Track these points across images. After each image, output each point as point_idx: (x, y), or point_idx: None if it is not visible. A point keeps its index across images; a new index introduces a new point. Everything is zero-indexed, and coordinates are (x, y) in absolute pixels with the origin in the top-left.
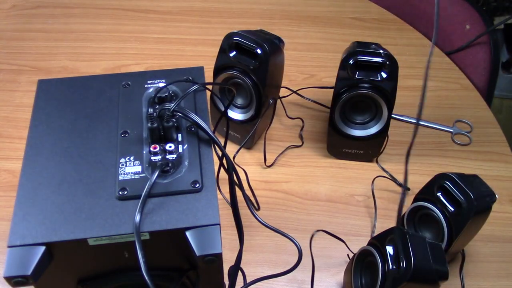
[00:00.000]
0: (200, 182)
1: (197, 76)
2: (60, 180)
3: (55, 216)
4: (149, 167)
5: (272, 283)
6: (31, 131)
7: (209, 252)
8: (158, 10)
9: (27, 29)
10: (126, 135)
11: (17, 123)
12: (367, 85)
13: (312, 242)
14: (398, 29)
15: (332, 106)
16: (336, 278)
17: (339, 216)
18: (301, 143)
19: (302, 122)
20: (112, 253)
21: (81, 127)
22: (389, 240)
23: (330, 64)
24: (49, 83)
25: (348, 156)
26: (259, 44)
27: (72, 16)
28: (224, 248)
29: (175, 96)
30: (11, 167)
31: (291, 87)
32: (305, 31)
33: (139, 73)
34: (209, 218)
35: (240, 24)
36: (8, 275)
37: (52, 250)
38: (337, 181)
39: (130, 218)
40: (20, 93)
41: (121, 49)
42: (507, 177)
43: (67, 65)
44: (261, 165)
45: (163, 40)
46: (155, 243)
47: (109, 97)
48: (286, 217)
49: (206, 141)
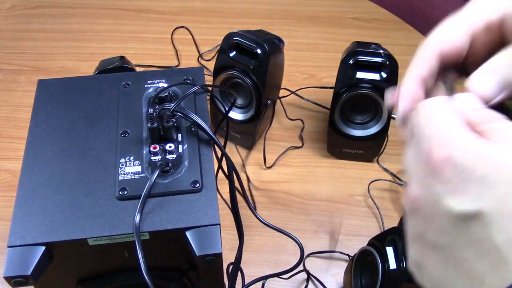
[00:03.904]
0: (200, 182)
1: (197, 77)
2: (60, 180)
3: (55, 216)
4: (149, 167)
5: (272, 283)
6: (31, 131)
7: (209, 252)
8: (158, 10)
9: (27, 29)
10: (126, 135)
11: (17, 123)
12: (367, 85)
13: (312, 242)
14: (398, 29)
15: (332, 106)
16: (336, 278)
17: (339, 216)
18: (301, 144)
19: (303, 124)
20: (112, 253)
21: (81, 127)
22: (389, 240)
23: (330, 64)
24: (49, 83)
25: (348, 156)
26: (259, 44)
27: (72, 16)
28: (224, 248)
29: (175, 96)
30: (11, 167)
31: (291, 87)
32: (305, 31)
33: (139, 73)
34: (209, 218)
35: (240, 24)
36: (8, 275)
37: (52, 250)
38: (337, 181)
39: (130, 218)
40: (20, 93)
41: (121, 49)
42: None
43: (67, 65)
44: (260, 165)
45: (163, 40)
46: (155, 243)
47: (109, 97)
48: (286, 217)
49: (206, 141)
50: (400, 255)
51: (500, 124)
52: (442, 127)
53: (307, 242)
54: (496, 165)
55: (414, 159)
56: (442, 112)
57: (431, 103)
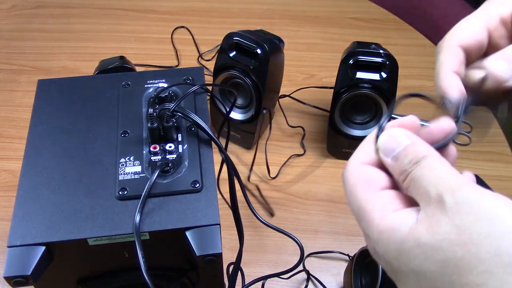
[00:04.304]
0: (200, 182)
1: (197, 77)
2: (60, 180)
3: (55, 216)
4: (149, 167)
5: (272, 283)
6: (31, 131)
7: (209, 252)
8: (158, 10)
9: (27, 29)
10: (126, 135)
11: (17, 123)
12: (367, 85)
13: (312, 242)
14: (398, 29)
15: (332, 106)
16: (336, 278)
17: (339, 216)
18: (303, 152)
19: (303, 131)
20: (112, 253)
21: (81, 127)
22: None
23: (330, 64)
24: (49, 83)
25: (348, 156)
26: (259, 44)
27: (72, 16)
28: (224, 248)
29: (175, 96)
30: (11, 167)
31: (291, 87)
32: (305, 31)
33: (139, 73)
34: (209, 218)
35: (240, 24)
36: (8, 275)
37: (52, 250)
38: (337, 181)
39: (130, 218)
40: (20, 93)
41: (121, 49)
42: (507, 177)
43: (67, 65)
44: (260, 165)
45: (163, 40)
46: (155, 243)
47: (109, 97)
48: (286, 217)
49: (206, 141)
50: None
51: (415, 178)
52: (358, 212)
53: (307, 242)
54: (403, 258)
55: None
56: (353, 189)
57: (346, 169)
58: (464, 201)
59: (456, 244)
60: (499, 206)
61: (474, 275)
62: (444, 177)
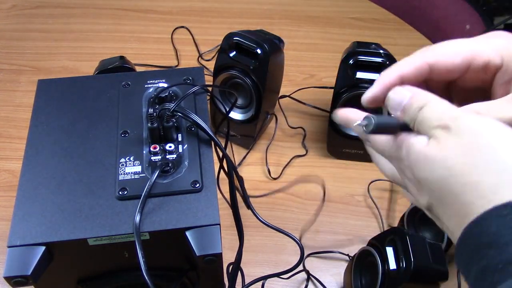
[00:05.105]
0: (200, 182)
1: (197, 77)
2: (60, 180)
3: (55, 216)
4: (149, 167)
5: (272, 283)
6: (31, 131)
7: (209, 252)
8: (158, 10)
9: (27, 29)
10: (126, 135)
11: (17, 123)
12: (367, 85)
13: (312, 242)
14: (398, 29)
15: (332, 106)
16: (336, 278)
17: (339, 216)
18: (305, 152)
19: (304, 131)
20: (112, 253)
21: (81, 127)
22: (389, 240)
23: (330, 64)
24: (49, 83)
25: (348, 156)
26: (259, 44)
27: (72, 16)
28: (224, 248)
29: (175, 96)
30: (11, 167)
31: (291, 87)
32: (305, 31)
33: (139, 73)
34: (209, 218)
35: (240, 24)
36: (8, 275)
37: (52, 250)
38: (337, 181)
39: (130, 218)
40: (20, 93)
41: (121, 49)
42: None
43: (67, 65)
44: (260, 165)
45: (163, 40)
46: (155, 243)
47: (109, 97)
48: (286, 217)
49: (206, 141)
50: (400, 255)
51: (422, 119)
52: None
53: (307, 242)
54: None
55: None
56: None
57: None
58: (466, 124)
59: (460, 154)
60: (496, 125)
61: (474, 176)
62: (445, 111)
